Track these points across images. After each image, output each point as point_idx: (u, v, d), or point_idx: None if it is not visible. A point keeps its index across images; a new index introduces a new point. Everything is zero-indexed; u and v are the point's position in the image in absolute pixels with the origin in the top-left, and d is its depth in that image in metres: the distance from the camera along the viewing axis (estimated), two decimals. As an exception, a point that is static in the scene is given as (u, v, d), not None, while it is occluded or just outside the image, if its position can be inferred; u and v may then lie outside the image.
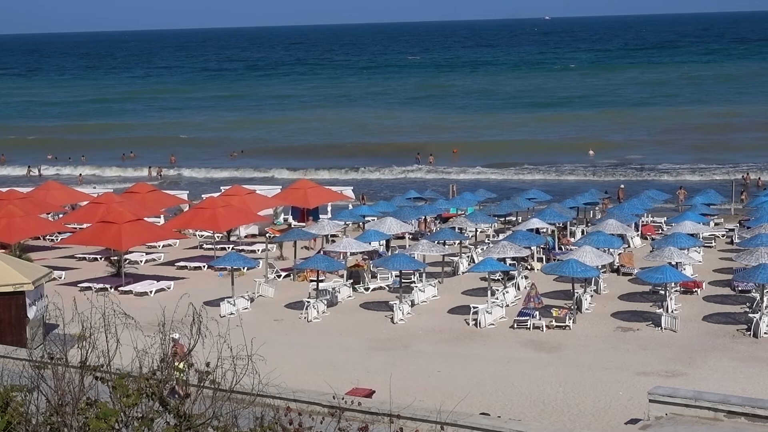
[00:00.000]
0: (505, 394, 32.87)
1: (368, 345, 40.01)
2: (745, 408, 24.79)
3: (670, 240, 48.18)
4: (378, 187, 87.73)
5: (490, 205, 62.17)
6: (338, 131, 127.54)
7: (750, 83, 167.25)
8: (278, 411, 15.09)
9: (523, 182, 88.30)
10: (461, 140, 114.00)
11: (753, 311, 41.27)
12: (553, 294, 46.04)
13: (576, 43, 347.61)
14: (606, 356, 37.50)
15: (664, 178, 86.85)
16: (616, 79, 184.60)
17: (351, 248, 49.30)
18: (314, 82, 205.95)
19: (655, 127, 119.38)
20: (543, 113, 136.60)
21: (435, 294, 47.35)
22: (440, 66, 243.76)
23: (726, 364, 36.03)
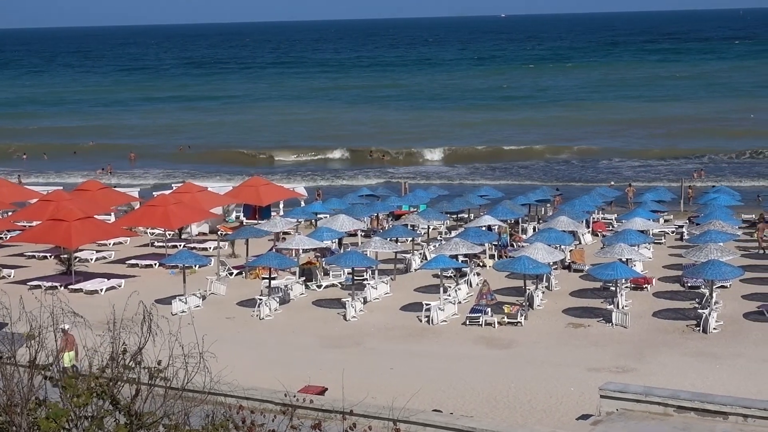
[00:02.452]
0: (458, 391, 32.93)
1: (321, 342, 39.94)
2: (695, 403, 25.01)
3: (620, 237, 48.49)
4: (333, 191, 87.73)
5: (443, 203, 62.29)
6: (289, 131, 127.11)
7: (705, 82, 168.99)
8: (230, 409, 15.01)
9: (474, 177, 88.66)
10: (410, 139, 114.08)
11: (702, 307, 41.64)
12: (505, 291, 46.21)
13: (529, 41, 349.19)
14: (557, 352, 37.69)
15: (620, 176, 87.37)
16: (573, 77, 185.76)
17: (303, 245, 49.19)
18: (266, 80, 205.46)
19: (609, 125, 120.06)
20: (497, 112, 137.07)
21: (387, 291, 47.36)
22: (388, 64, 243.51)
23: (676, 359, 36.33)
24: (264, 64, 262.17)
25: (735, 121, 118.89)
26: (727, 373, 34.31)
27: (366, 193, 66.81)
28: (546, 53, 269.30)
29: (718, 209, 54.85)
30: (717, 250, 44.10)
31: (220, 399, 18.61)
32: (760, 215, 60.63)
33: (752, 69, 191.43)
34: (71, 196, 59.09)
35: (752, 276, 48.07)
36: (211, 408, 14.67)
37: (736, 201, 60.62)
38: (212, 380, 14.76)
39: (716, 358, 36.20)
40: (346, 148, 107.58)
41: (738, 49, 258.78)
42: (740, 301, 44.08)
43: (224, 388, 19.45)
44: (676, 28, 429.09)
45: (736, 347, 37.57)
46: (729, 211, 55.69)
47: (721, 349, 37.29)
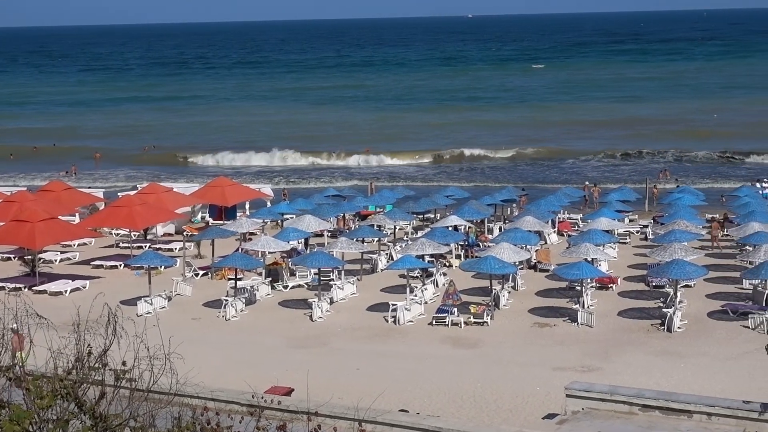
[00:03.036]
0: (424, 391, 32.97)
1: (287, 343, 39.90)
2: (659, 402, 25.19)
3: (585, 236, 48.71)
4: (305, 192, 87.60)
5: (409, 203, 62.33)
6: (253, 130, 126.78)
7: (670, 82, 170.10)
8: (196, 411, 14.95)
9: (440, 177, 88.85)
10: (376, 140, 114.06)
11: (667, 306, 41.91)
12: (471, 290, 46.31)
13: (495, 42, 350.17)
14: (523, 352, 37.82)
15: (584, 176, 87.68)
16: (539, 78, 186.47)
17: (269, 246, 49.09)
18: (235, 80, 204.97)
19: (575, 126, 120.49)
20: (463, 112, 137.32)
21: (354, 291, 47.35)
22: (354, 65, 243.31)
23: (641, 358, 36.54)
24: (229, 64, 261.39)
25: (699, 122, 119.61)
26: (691, 372, 34.55)
27: (332, 194, 66.76)
28: (512, 54, 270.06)
29: (683, 209, 55.19)
30: (681, 250, 44.40)
31: (187, 400, 18.53)
32: (724, 215, 61.10)
33: (716, 69, 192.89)
34: (35, 197, 58.72)
35: (716, 275, 48.42)
36: (178, 410, 14.61)
37: (700, 201, 61.02)
38: (178, 382, 14.69)
39: (681, 357, 36.44)
40: (311, 149, 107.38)
41: (702, 49, 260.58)
42: (704, 300, 44.39)
43: (190, 390, 19.35)
44: (641, 28, 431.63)
45: (701, 346, 37.84)
46: (693, 211, 56.05)
47: (686, 348, 37.55)
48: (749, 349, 36.69)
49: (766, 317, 39.31)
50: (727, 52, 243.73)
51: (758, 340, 36.58)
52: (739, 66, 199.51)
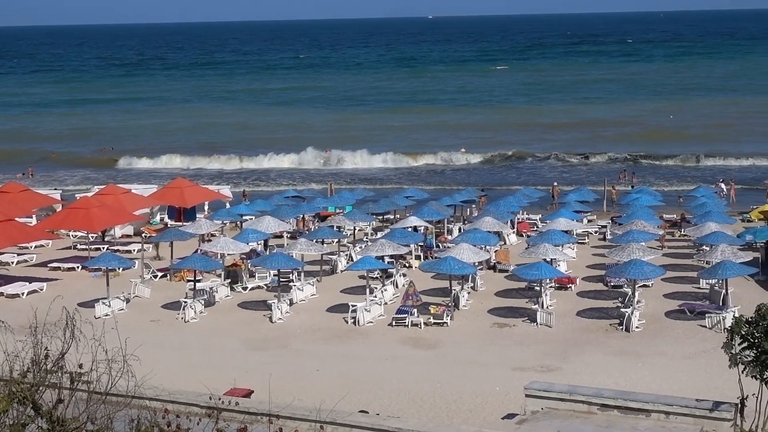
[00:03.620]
0: (384, 392, 32.98)
1: (246, 345, 39.78)
2: (618, 401, 25.33)
3: (544, 237, 48.93)
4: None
5: (369, 204, 62.34)
6: (211, 131, 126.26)
7: (628, 83, 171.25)
8: (155, 413, 14.88)
9: (400, 178, 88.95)
10: (334, 142, 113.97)
11: (625, 306, 42.17)
12: (431, 291, 46.37)
13: (455, 43, 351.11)
14: (483, 352, 37.92)
15: (543, 177, 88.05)
16: (498, 79, 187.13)
17: (228, 248, 48.92)
18: (198, 81, 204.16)
19: (534, 127, 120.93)
20: (421, 114, 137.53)
21: (314, 293, 47.30)
22: (310, 66, 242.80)
23: (599, 358, 36.74)
24: (187, 64, 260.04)
25: (656, 123, 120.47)
26: (649, 371, 34.77)
27: (292, 195, 66.64)
28: (472, 55, 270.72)
29: (640, 209, 55.56)
30: (639, 250, 44.72)
31: (145, 403, 18.42)
32: (681, 215, 61.58)
33: (673, 71, 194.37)
34: (-9, 199, 58.16)
35: (673, 275, 48.80)
36: (136, 412, 14.54)
37: (658, 201, 61.46)
38: (136, 384, 14.62)
39: (639, 357, 36.67)
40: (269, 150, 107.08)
41: (660, 51, 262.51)
42: (662, 299, 44.72)
43: (149, 392, 19.26)
44: (600, 30, 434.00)
45: (658, 345, 38.10)
46: (651, 211, 56.46)
47: (644, 348, 37.80)
48: (706, 348, 37.00)
49: (722, 316, 39.64)
50: (684, 54, 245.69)
51: (715, 339, 36.85)
52: (695, 67, 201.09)
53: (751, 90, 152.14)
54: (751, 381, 25.54)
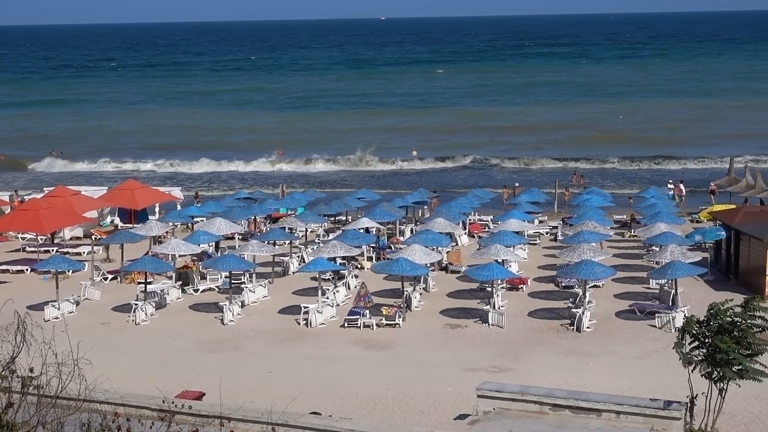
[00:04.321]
0: (336, 393, 32.96)
1: (198, 347, 39.60)
2: (569, 401, 25.50)
3: (496, 238, 49.12)
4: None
5: (321, 205, 62.26)
6: (161, 133, 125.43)
7: (579, 85, 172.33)
8: (106, 417, 14.78)
9: (352, 179, 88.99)
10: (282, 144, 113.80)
11: (576, 306, 42.44)
12: (383, 292, 46.41)
13: (407, 44, 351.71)
14: (435, 353, 38.00)
15: (494, 179, 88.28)
16: (449, 81, 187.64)
17: (180, 249, 48.68)
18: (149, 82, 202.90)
19: (485, 130, 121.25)
20: (373, 115, 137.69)
21: (265, 294, 47.17)
22: (260, 68, 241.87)
23: (551, 358, 36.94)
24: (138, 66, 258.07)
25: (607, 124, 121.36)
26: (600, 371, 35.02)
27: (243, 196, 66.40)
28: (424, 56, 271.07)
29: (591, 210, 55.92)
30: (590, 251, 45.03)
31: (96, 406, 18.29)
32: (631, 216, 62.08)
33: (622, 72, 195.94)
34: (-62, 201, 57.49)
35: (624, 275, 49.18)
36: (87, 416, 14.43)
37: (608, 202, 61.91)
38: (87, 387, 14.51)
39: (590, 357, 36.92)
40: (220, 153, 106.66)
41: (610, 53, 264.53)
42: (612, 300, 45.06)
43: (100, 396, 19.12)
44: (550, 32, 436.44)
45: (609, 345, 38.38)
46: (601, 212, 56.84)
47: (595, 348, 38.06)
48: (656, 347, 37.33)
49: (672, 316, 40.00)
50: (634, 56, 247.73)
51: (665, 339, 37.19)
52: (645, 69, 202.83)
53: (702, 92, 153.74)
54: (700, 380, 25.83)
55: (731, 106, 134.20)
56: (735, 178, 65.72)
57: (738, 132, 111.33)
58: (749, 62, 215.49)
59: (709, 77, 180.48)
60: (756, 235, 45.34)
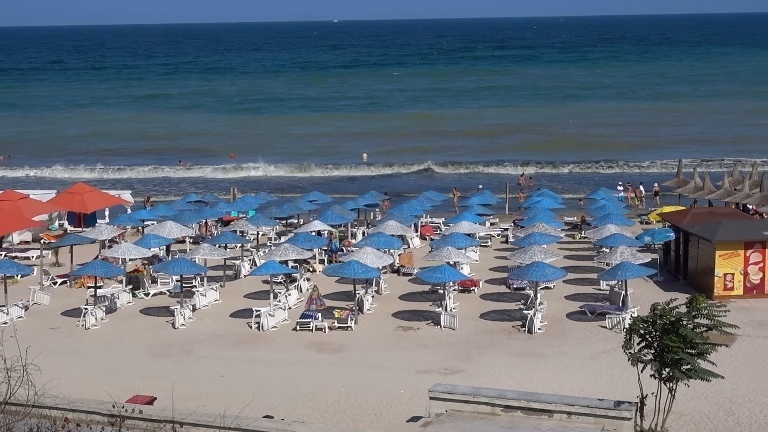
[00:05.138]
0: (289, 397, 32.89)
1: (149, 351, 39.34)
2: (521, 402, 25.62)
3: (448, 240, 49.26)
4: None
5: (272, 208, 62.06)
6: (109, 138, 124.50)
7: (530, 88, 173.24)
8: (55, 422, 14.66)
9: (303, 182, 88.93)
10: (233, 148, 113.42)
11: (527, 308, 42.62)
12: (335, 295, 46.36)
13: (356, 47, 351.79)
14: (387, 356, 38.03)
15: (447, 183, 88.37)
16: (399, 85, 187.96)
17: (130, 253, 48.37)
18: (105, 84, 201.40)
19: (436, 134, 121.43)
20: (325, 118, 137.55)
21: (217, 298, 46.97)
22: (213, 70, 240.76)
23: (503, 359, 37.08)
24: (84, 69, 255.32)
25: (557, 128, 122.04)
26: (551, 372, 35.20)
27: (194, 200, 66.04)
28: (376, 59, 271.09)
29: (542, 212, 56.23)
30: (540, 252, 45.25)
31: (45, 412, 18.14)
32: (582, 217, 62.49)
33: (572, 75, 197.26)
34: None
35: (574, 277, 49.47)
36: (36, 422, 14.31)
37: (559, 204, 62.27)
38: (36, 393, 14.38)
39: (541, 358, 37.11)
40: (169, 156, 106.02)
41: (561, 55, 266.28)
42: (563, 301, 45.32)
43: (49, 401, 18.95)
44: (501, 35, 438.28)
45: (560, 346, 38.59)
46: (552, 214, 57.18)
47: (546, 349, 38.25)
48: (607, 348, 37.59)
49: (622, 317, 40.29)
50: (584, 59, 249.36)
51: (615, 339, 37.45)
52: (594, 73, 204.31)
53: (653, 96, 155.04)
54: (650, 380, 26.04)
55: (681, 109, 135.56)
56: (683, 180, 66.33)
57: (687, 136, 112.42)
58: (698, 65, 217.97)
59: (660, 80, 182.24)
60: (704, 236, 45.80)
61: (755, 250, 44.83)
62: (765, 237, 45.13)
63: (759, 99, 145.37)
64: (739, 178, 63.70)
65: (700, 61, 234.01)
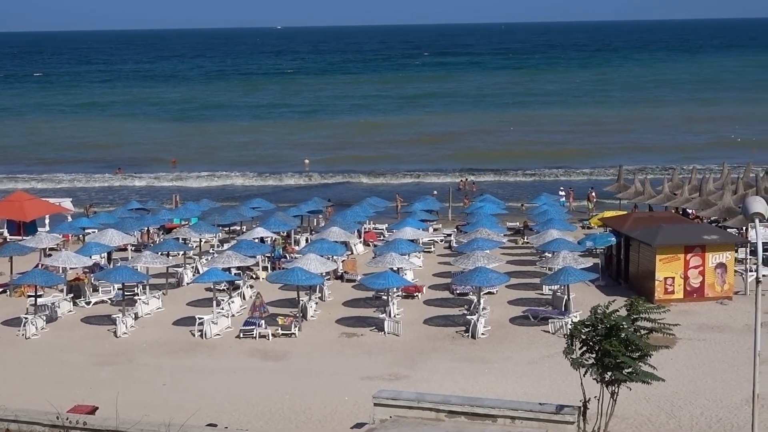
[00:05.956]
0: (233, 404, 32.74)
1: (91, 360, 38.99)
2: (465, 407, 25.69)
3: (391, 246, 49.32)
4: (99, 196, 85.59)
5: (214, 215, 61.79)
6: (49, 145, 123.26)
7: (472, 95, 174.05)
8: (-4, 433, 14.50)
9: (246, 189, 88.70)
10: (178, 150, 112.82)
11: (471, 313, 42.80)
12: (278, 302, 46.25)
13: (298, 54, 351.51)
14: (332, 362, 38.00)
15: (390, 189, 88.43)
16: (342, 90, 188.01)
17: (71, 262, 47.91)
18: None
19: (379, 141, 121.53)
20: (264, 125, 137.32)
21: (159, 306, 46.67)
22: (155, 77, 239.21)
23: (446, 365, 37.19)
24: (22, 75, 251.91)
25: (497, 134, 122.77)
26: (495, 377, 35.37)
27: (136, 207, 65.52)
28: (318, 66, 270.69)
29: (484, 217, 56.50)
30: (483, 258, 45.46)
31: (-15, 423, 17.95)
32: (524, 223, 62.85)
33: (514, 82, 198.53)
34: None
35: (517, 282, 49.72)
36: (-24, 433, 14.14)
37: (501, 209, 62.57)
38: (-24, 404, 14.21)
39: (485, 363, 37.27)
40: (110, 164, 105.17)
41: (503, 62, 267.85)
42: (506, 306, 45.55)
43: (-11, 412, 18.75)
44: (444, 41, 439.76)
45: (504, 351, 38.79)
46: (495, 219, 57.46)
47: (490, 354, 38.43)
48: (550, 352, 37.81)
49: (565, 322, 40.56)
50: (525, 66, 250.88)
51: (558, 344, 37.64)
52: (536, 80, 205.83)
53: (595, 102, 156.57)
54: (593, 384, 26.23)
55: (623, 116, 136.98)
56: (624, 185, 67.00)
57: (629, 143, 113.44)
58: (640, 72, 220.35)
59: (602, 87, 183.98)
60: (645, 241, 46.27)
61: (695, 254, 45.38)
62: (705, 241, 45.72)
63: (700, 105, 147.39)
64: (678, 183, 64.49)
65: (641, 67, 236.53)
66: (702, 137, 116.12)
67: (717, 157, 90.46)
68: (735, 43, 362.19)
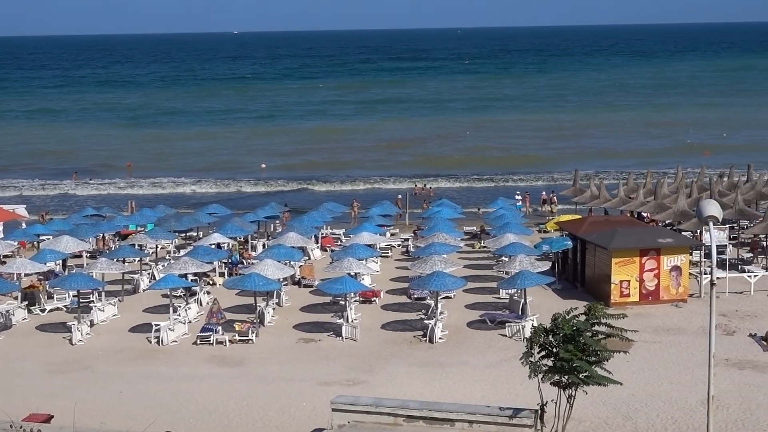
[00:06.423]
0: (190, 411, 32.58)
1: (46, 368, 38.63)
2: (423, 412, 25.72)
3: (348, 251, 49.29)
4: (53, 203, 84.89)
5: (171, 221, 61.43)
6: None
7: (431, 101, 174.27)
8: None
9: (202, 195, 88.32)
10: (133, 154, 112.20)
11: (428, 318, 42.83)
12: (235, 308, 46.10)
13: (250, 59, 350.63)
14: (289, 368, 37.90)
15: (345, 195, 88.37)
16: (300, 96, 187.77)
17: (25, 269, 47.46)
18: None
19: (335, 147, 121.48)
20: (220, 131, 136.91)
21: (115, 313, 46.34)
22: (112, 82, 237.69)
23: (404, 369, 37.19)
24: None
25: (454, 139, 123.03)
26: (453, 381, 35.41)
27: (91, 213, 65.01)
28: (273, 72, 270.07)
29: (441, 222, 56.60)
30: (441, 262, 45.53)
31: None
32: (481, 227, 63.02)
33: (472, 87, 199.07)
34: None
35: (474, 286, 49.86)
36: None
37: (458, 214, 62.73)
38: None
39: (442, 367, 37.30)
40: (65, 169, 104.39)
41: (459, 67, 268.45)
42: (464, 310, 45.64)
43: (-59, 421, 18.53)
44: (402, 46, 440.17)
45: (461, 355, 38.84)
46: (452, 224, 57.60)
47: (447, 358, 38.47)
48: (507, 356, 37.89)
49: (522, 325, 40.70)
50: (482, 71, 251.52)
51: (515, 347, 37.80)
52: (493, 85, 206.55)
53: (554, 107, 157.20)
54: (550, 387, 26.33)
55: (581, 121, 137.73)
56: (580, 189, 67.38)
57: (586, 148, 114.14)
58: (597, 76, 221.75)
59: (560, 91, 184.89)
60: (601, 244, 46.53)
61: (650, 257, 45.68)
62: (660, 244, 46.04)
63: (656, 110, 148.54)
64: (633, 187, 64.89)
65: (597, 71, 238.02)
66: (657, 142, 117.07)
67: (672, 161, 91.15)
68: (688, 48, 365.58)
